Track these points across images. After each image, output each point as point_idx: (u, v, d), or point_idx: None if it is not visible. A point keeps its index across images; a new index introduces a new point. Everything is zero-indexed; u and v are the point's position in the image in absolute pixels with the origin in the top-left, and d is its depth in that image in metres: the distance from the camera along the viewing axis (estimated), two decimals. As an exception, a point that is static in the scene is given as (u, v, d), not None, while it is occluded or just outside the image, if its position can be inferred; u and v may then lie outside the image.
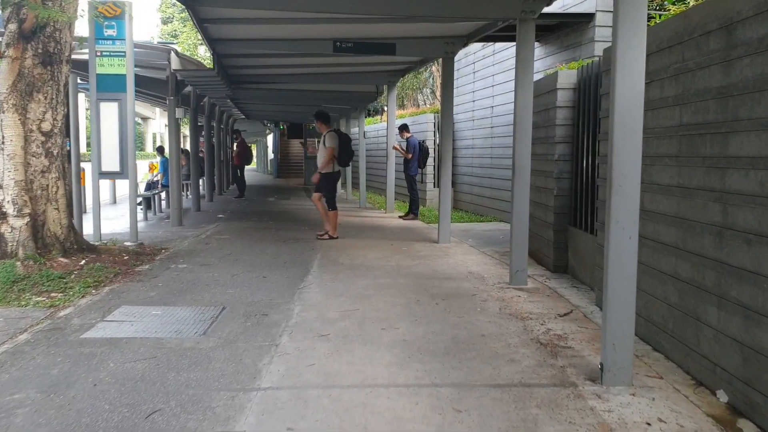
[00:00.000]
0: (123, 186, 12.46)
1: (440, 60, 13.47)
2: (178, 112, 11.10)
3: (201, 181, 19.37)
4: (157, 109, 33.52)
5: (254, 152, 60.04)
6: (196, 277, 6.97)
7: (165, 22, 54.20)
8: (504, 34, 9.85)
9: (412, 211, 12.84)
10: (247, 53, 10.26)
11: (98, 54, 8.77)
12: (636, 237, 3.76)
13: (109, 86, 8.81)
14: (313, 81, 13.66)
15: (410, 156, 12.55)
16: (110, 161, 8.94)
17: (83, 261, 7.18)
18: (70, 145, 9.21)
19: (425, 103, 26.91)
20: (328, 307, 5.66)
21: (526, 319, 5.27)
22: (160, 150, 15.80)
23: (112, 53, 8.81)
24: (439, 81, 23.92)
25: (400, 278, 6.93)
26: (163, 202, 14.50)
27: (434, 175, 15.31)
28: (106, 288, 6.40)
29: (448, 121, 9.29)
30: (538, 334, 4.86)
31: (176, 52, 9.27)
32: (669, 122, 4.30)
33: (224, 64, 11.27)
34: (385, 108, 27.82)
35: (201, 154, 19.26)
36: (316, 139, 34.18)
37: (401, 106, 27.44)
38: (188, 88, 13.45)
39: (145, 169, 18.94)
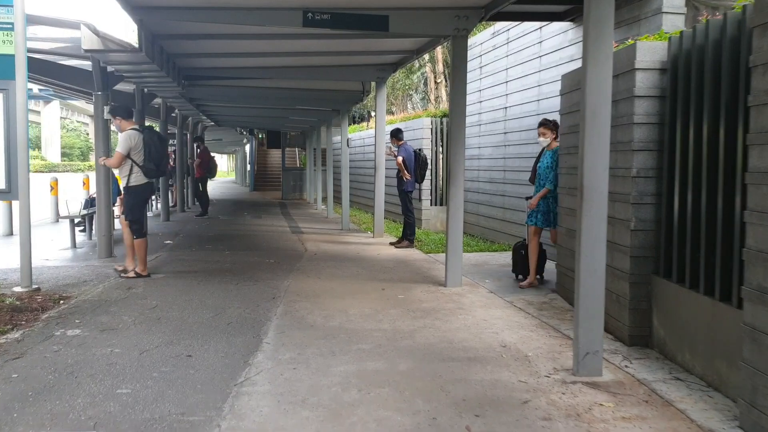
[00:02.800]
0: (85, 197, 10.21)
1: (434, 51, 11.25)
2: (107, 112, 8.60)
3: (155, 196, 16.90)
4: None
5: (234, 163, 57.17)
6: (83, 358, 4.47)
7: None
8: (535, 9, 7.57)
9: (407, 237, 10.41)
10: (190, 33, 7.82)
11: (-26, 25, 6.29)
12: None
13: (-10, 71, 6.33)
14: (284, 76, 11.25)
15: (399, 159, 10.08)
16: (-9, 175, 6.44)
17: None
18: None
19: (415, 109, 24.59)
20: (278, 440, 3.19)
21: (640, 473, 2.84)
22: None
23: (-6, 25, 6.33)
24: (433, 83, 21.57)
25: (399, 359, 4.47)
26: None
27: (432, 190, 12.92)
28: None
29: (460, 123, 6.89)
30: None
31: (92, 28, 6.81)
32: None
33: (167, 51, 8.81)
34: (372, 113, 25.40)
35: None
36: (297, 149, 31.82)
37: (389, 112, 25.09)
38: (129, 87, 10.98)
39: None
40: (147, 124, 11.32)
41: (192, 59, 9.73)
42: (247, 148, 36.80)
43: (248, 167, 35.33)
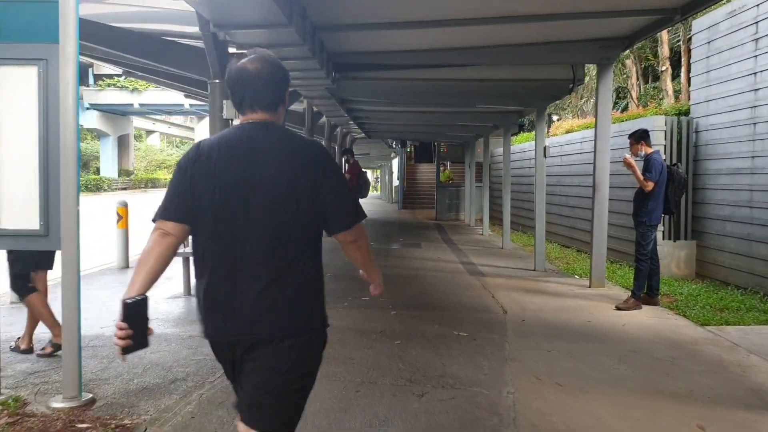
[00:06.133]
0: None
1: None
2: (227, 109, 5.98)
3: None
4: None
5: (380, 178, 54.44)
6: None
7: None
8: None
9: (651, 291, 6.91)
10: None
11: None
12: None
13: (20, 30, 3.76)
14: (465, 61, 8.16)
15: (650, 186, 6.60)
16: (15, 205, 3.84)
17: None
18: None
19: (576, 117, 20.58)
20: None
21: None
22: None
23: (29, -45, 3.78)
24: (635, 79, 17.58)
25: None
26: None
27: (668, 218, 9.20)
28: None
29: None
30: None
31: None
32: None
33: (312, 20, 6.04)
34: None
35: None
36: (448, 163, 28.81)
37: (548, 119, 21.31)
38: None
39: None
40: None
41: (344, 35, 6.92)
42: (395, 162, 34.43)
43: (396, 183, 32.83)
